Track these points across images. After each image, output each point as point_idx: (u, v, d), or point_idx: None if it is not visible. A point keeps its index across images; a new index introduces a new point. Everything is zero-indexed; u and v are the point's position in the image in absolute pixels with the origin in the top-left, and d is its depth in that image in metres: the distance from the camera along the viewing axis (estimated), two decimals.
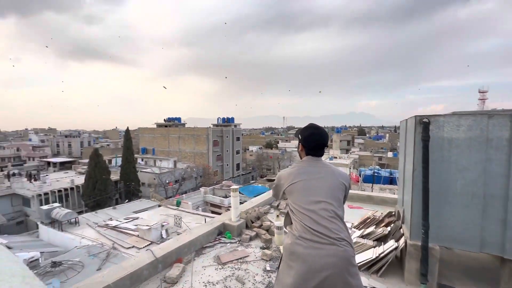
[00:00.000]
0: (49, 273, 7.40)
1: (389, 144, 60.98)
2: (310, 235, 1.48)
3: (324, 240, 1.45)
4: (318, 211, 1.52)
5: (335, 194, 1.60)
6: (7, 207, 21.79)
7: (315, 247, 1.45)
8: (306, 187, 1.61)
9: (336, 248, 1.43)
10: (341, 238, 1.46)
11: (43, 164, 43.41)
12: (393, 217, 3.66)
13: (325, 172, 1.67)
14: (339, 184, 1.64)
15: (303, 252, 1.47)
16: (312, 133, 1.75)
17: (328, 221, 1.49)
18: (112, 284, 2.44)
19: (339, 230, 1.49)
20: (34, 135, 75.56)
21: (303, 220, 1.53)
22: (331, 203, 1.55)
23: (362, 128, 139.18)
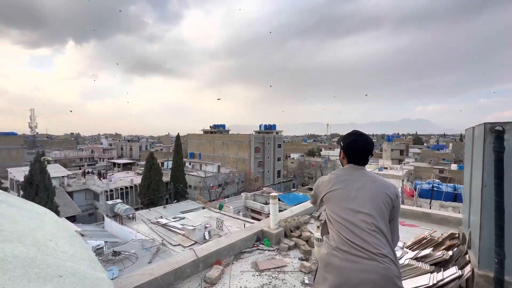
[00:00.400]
0: (110, 261, 8.43)
1: (452, 155, 53.17)
2: (347, 247, 1.39)
3: (363, 254, 1.34)
4: (356, 222, 1.42)
5: (377, 206, 1.47)
6: (82, 200, 25.73)
7: (353, 260, 1.34)
8: (345, 195, 1.52)
9: (377, 264, 1.31)
10: (382, 254, 1.33)
11: (110, 165, 50.27)
12: (456, 240, 3.16)
13: (366, 181, 1.55)
14: (383, 195, 1.50)
15: (339, 264, 1.37)
16: (355, 140, 1.66)
17: (367, 234, 1.38)
18: (159, 277, 2.66)
19: (380, 246, 1.36)
20: (104, 140, 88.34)
21: (340, 230, 1.45)
22: (371, 215, 1.43)
23: (419, 136, 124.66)
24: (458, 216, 4.66)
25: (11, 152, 39.18)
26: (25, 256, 1.17)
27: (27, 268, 1.08)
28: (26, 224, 1.61)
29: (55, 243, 1.55)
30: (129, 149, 74.02)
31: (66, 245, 1.61)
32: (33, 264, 1.13)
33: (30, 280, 1.00)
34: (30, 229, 1.56)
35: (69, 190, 24.90)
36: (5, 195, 2.06)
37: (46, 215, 2.07)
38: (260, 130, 46.17)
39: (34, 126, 71.83)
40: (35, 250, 1.29)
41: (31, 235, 1.46)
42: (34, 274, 1.06)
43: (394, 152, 51.02)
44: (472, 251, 2.61)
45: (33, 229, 1.60)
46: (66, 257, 1.42)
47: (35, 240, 1.41)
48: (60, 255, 1.41)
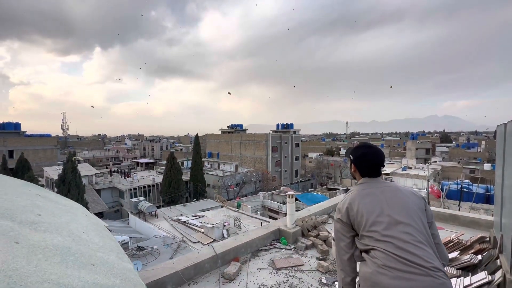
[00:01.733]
0: (134, 255, 8.89)
1: (485, 154, 49.42)
2: (396, 264, 1.23)
3: (417, 270, 1.20)
4: (398, 235, 1.29)
5: (413, 213, 1.37)
6: (109, 198, 27.26)
7: (405, 278, 1.19)
8: (377, 210, 1.40)
9: (433, 280, 1.18)
10: (436, 267, 1.22)
11: (133, 164, 52.74)
12: (487, 244, 2.97)
13: (393, 190, 1.47)
14: (416, 201, 1.42)
15: (390, 284, 1.21)
16: (365, 153, 1.59)
17: (414, 246, 1.26)
18: (180, 271, 2.78)
19: (431, 258, 1.24)
20: (128, 140, 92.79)
21: (384, 247, 1.29)
22: (411, 224, 1.33)
23: (447, 134, 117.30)
24: (489, 218, 4.36)
25: (46, 152, 42.44)
26: (62, 246, 1.30)
27: (65, 256, 1.20)
28: (63, 217, 1.77)
29: (87, 235, 1.69)
30: (151, 149, 77.14)
31: (96, 237, 1.75)
32: (69, 252, 1.26)
33: (67, 266, 1.12)
34: (66, 222, 1.71)
35: (97, 188, 26.50)
36: (45, 191, 2.27)
37: (79, 210, 2.26)
38: (277, 129, 46.01)
39: (66, 128, 77.18)
40: (70, 240, 1.42)
41: (67, 227, 1.60)
42: (70, 261, 1.17)
43: (419, 151, 48.49)
44: (504, 255, 2.45)
45: (68, 222, 1.75)
46: (97, 248, 1.55)
47: (70, 232, 1.55)
48: (92, 246, 1.54)
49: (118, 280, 1.24)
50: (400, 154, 52.88)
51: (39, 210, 1.70)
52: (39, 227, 1.41)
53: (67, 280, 1.00)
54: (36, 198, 1.96)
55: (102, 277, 1.18)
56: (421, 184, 25.57)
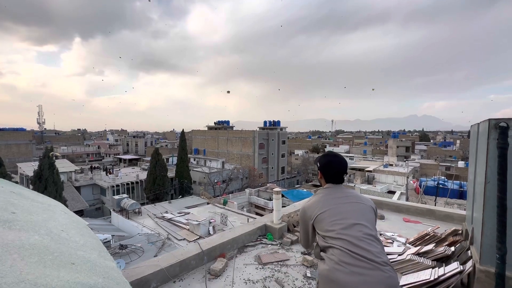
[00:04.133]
0: (117, 254, 8.65)
1: (460, 152, 52.37)
2: (351, 259, 1.36)
3: (368, 265, 1.33)
4: (354, 233, 1.45)
5: (368, 216, 1.56)
6: (89, 195, 26.25)
7: (358, 273, 1.32)
8: (337, 212, 1.56)
9: (381, 274, 1.31)
10: (384, 262, 1.36)
11: (116, 160, 50.98)
12: (459, 236, 3.17)
13: (352, 196, 1.66)
14: (369, 207, 1.62)
15: (344, 280, 1.33)
16: (330, 161, 1.76)
17: (367, 243, 1.41)
18: (165, 268, 2.74)
19: (381, 254, 1.39)
20: (110, 135, 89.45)
21: (341, 244, 1.42)
22: (366, 225, 1.50)
23: (425, 133, 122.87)
24: (461, 213, 4.64)
25: (20, 147, 40.05)
26: (40, 244, 1.24)
27: (42, 255, 1.14)
28: (40, 215, 1.69)
29: (67, 233, 1.63)
30: (134, 145, 74.87)
31: (77, 236, 1.68)
32: (47, 251, 1.20)
33: (45, 266, 1.07)
34: (43, 220, 1.63)
35: (76, 185, 25.41)
36: (20, 188, 2.15)
37: (57, 208, 2.16)
38: (264, 126, 46.16)
39: (42, 122, 73.14)
40: (48, 239, 1.36)
41: (44, 226, 1.53)
42: (49, 260, 1.12)
43: (400, 149, 50.49)
44: (474, 247, 2.62)
45: (46, 220, 1.67)
46: (77, 247, 1.49)
47: (49, 230, 1.48)
48: (72, 244, 1.48)
49: (100, 278, 1.21)
50: (382, 151, 54.83)
51: (14, 207, 1.60)
52: (13, 225, 1.33)
53: (45, 280, 0.96)
54: (10, 195, 1.85)
55: (83, 276, 1.14)
56: (401, 180, 26.71)
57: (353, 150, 60.94)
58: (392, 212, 5.24)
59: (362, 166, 36.64)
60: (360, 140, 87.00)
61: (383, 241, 3.62)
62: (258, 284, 2.77)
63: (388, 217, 4.94)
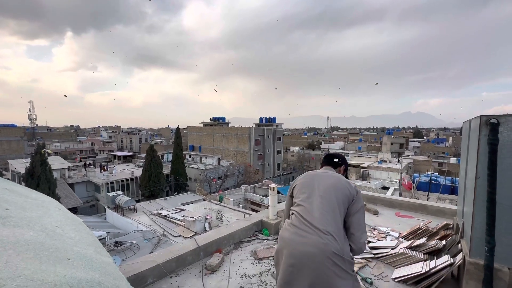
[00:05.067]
0: (112, 251, 8.62)
1: (452, 149, 53.29)
2: (298, 223, 1.59)
3: (310, 230, 1.52)
4: (311, 203, 1.62)
5: (335, 192, 1.65)
6: (83, 192, 25.97)
7: (299, 234, 1.54)
8: (308, 184, 1.75)
9: (318, 239, 1.47)
10: (326, 231, 1.49)
11: (110, 157, 50.41)
12: (450, 230, 3.25)
13: (331, 176, 1.78)
14: (342, 186, 1.70)
15: (287, 237, 1.58)
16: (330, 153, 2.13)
17: (319, 213, 1.56)
18: (161, 264, 2.75)
19: (328, 224, 1.52)
20: (104, 132, 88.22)
21: (299, 210, 1.64)
22: (327, 198, 1.62)
23: (419, 130, 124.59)
24: (453, 207, 4.75)
25: (12, 144, 39.25)
26: (35, 240, 1.23)
27: (38, 251, 1.14)
28: (34, 212, 1.67)
29: (62, 229, 1.61)
30: (129, 141, 74.07)
31: (72, 232, 1.68)
32: (43, 247, 1.20)
33: (41, 261, 1.06)
34: (38, 216, 1.62)
35: (70, 182, 25.09)
36: (12, 184, 2.12)
37: (51, 204, 2.14)
38: (260, 123, 46.13)
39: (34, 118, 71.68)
40: (44, 235, 1.35)
41: (39, 222, 1.52)
42: (44, 256, 1.12)
43: (394, 146, 51.13)
44: (464, 240, 2.69)
45: (40, 216, 1.66)
46: (73, 243, 1.48)
47: (43, 226, 1.47)
48: (68, 240, 1.48)
49: (97, 274, 1.21)
50: (376, 148, 55.46)
51: (7, 204, 1.58)
52: (7, 222, 1.32)
53: (42, 275, 0.96)
54: (2, 191, 1.83)
55: (79, 271, 1.14)
56: (395, 176, 27.10)
57: (348, 146, 61.46)
58: (386, 207, 5.33)
59: (357, 163, 37.03)
60: (355, 137, 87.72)
61: (377, 236, 3.69)
62: (254, 279, 2.81)
63: (382, 212, 5.02)
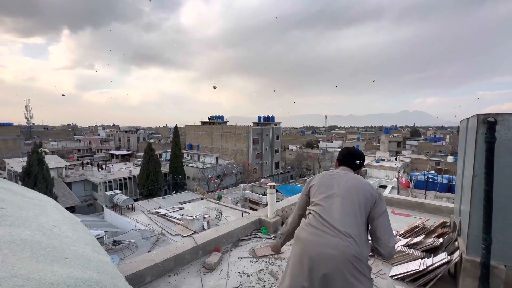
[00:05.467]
0: (110, 250, 8.59)
1: (449, 147, 53.63)
2: (316, 223, 1.50)
3: (330, 231, 1.43)
4: (332, 204, 1.54)
5: (357, 194, 1.57)
6: (81, 191, 25.85)
7: (317, 235, 1.45)
8: (327, 184, 1.66)
9: (339, 242, 1.39)
10: (348, 233, 1.41)
11: (108, 156, 50.19)
12: (448, 228, 3.27)
13: (351, 177, 1.70)
14: (364, 188, 1.61)
15: (305, 237, 1.50)
16: (346, 148, 1.95)
17: (339, 214, 1.48)
18: (160, 263, 2.74)
19: (349, 226, 1.44)
20: (102, 131, 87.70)
21: (317, 210, 1.56)
22: (348, 199, 1.54)
23: (416, 129, 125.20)
24: (450, 205, 4.78)
25: (8, 143, 38.92)
26: (32, 240, 1.22)
27: (35, 250, 1.13)
28: (30, 211, 1.66)
29: (59, 229, 1.60)
30: (127, 140, 73.75)
31: (69, 231, 1.66)
32: (39, 247, 1.19)
33: (38, 261, 1.06)
34: (35, 216, 1.60)
35: (67, 181, 24.96)
36: (9, 183, 2.10)
37: (48, 203, 2.12)
38: (258, 121, 46.12)
39: (30, 116, 71.09)
40: (40, 235, 1.34)
41: (35, 221, 1.50)
42: (41, 255, 1.11)
43: (392, 144, 51.37)
44: (461, 238, 2.71)
45: (37, 215, 1.64)
46: (70, 242, 1.47)
47: (40, 225, 1.46)
48: (65, 239, 1.47)
49: (95, 273, 1.20)
50: (374, 147, 55.67)
51: (3, 203, 1.57)
52: (3, 221, 1.31)
53: (39, 274, 0.95)
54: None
55: (77, 270, 1.13)
56: (392, 175, 27.25)
57: (346, 145, 61.64)
58: None
59: None
60: (353, 136, 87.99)
61: None
62: (253, 277, 2.81)
63: None
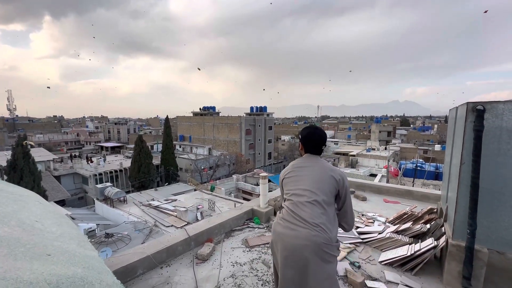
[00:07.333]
0: (103, 242, 8.53)
1: (437, 136, 55.05)
2: (289, 217, 1.67)
3: (300, 223, 1.61)
4: (301, 197, 1.69)
5: (322, 184, 1.70)
6: (70, 184, 25.34)
7: (291, 228, 1.63)
8: (296, 178, 1.80)
9: (308, 232, 1.57)
10: (315, 223, 1.59)
11: (97, 148, 49.09)
12: (434, 215, 3.37)
13: (316, 166, 1.79)
14: (328, 177, 1.73)
15: (280, 231, 1.68)
16: (310, 132, 1.89)
17: (307, 207, 1.64)
18: (151, 255, 2.72)
19: (316, 216, 1.61)
20: (90, 122, 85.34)
21: (288, 204, 1.73)
22: (314, 192, 1.68)
23: (406, 118, 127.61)
24: (437, 192, 4.93)
25: None
26: (9, 237, 1.16)
27: (13, 247, 1.07)
28: (9, 206, 1.58)
29: (42, 224, 1.54)
30: (116, 132, 72.14)
31: (53, 226, 1.60)
32: (18, 243, 1.13)
33: (16, 258, 1.00)
34: (14, 211, 1.53)
35: (56, 174, 24.35)
36: None
37: (30, 198, 2.03)
38: (251, 112, 45.79)
39: (13, 108, 68.25)
40: (20, 231, 1.27)
41: (15, 217, 1.43)
42: (20, 253, 1.05)
43: (382, 134, 52.27)
44: (447, 223, 2.80)
45: (17, 211, 1.57)
46: (53, 237, 1.42)
47: (20, 221, 1.39)
48: (47, 235, 1.41)
49: (79, 269, 1.16)
50: (365, 136, 56.53)
51: None
52: None
53: (16, 273, 0.90)
54: None
55: (60, 267, 1.08)
56: (382, 164, 27.86)
57: (338, 135, 62.34)
58: (374, 193, 5.47)
59: (346, 151, 37.73)
60: (345, 126, 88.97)
61: (365, 221, 3.79)
62: (246, 266, 2.83)
63: (370, 198, 5.15)
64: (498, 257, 2.65)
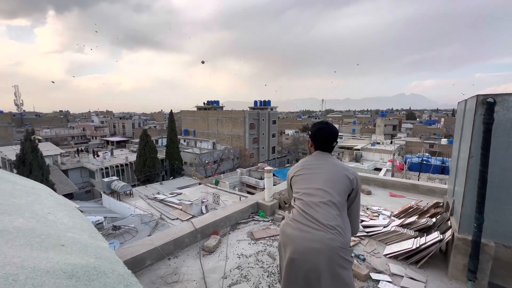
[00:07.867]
0: (111, 235, 8.72)
1: (443, 130, 54.20)
2: (301, 218, 1.55)
3: (314, 225, 1.48)
4: (313, 198, 1.57)
5: (335, 184, 1.60)
6: (78, 178, 25.81)
7: (303, 230, 1.50)
8: (308, 176, 1.68)
9: (324, 235, 1.45)
10: (331, 226, 1.47)
11: (103, 143, 49.71)
12: (440, 208, 3.35)
13: (328, 164, 1.69)
14: (342, 176, 1.63)
15: (290, 233, 1.55)
16: (321, 128, 1.78)
17: (320, 207, 1.52)
18: (159, 247, 2.78)
19: (330, 218, 1.49)
20: (95, 117, 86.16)
21: (299, 205, 1.61)
22: (327, 191, 1.57)
23: (412, 112, 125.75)
24: (443, 186, 4.89)
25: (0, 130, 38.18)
26: (25, 227, 1.19)
27: (29, 238, 1.11)
28: (23, 199, 1.62)
29: (54, 216, 1.58)
30: (121, 126, 72.76)
31: (65, 218, 1.65)
32: (34, 234, 1.16)
33: (32, 248, 1.04)
34: (28, 203, 1.57)
35: (63, 168, 24.81)
36: (0, 171, 2.05)
37: (42, 191, 2.09)
38: (255, 106, 45.62)
39: (20, 103, 69.24)
40: (34, 222, 1.31)
41: (29, 209, 1.48)
42: (36, 243, 1.09)
43: (387, 127, 51.69)
44: (454, 217, 2.78)
45: (31, 203, 1.61)
46: (66, 228, 1.46)
47: (34, 213, 1.43)
48: (60, 226, 1.45)
49: (92, 259, 1.19)
50: (370, 130, 55.97)
51: None
52: None
53: (33, 262, 0.93)
54: None
55: (74, 257, 1.12)
56: (387, 158, 27.63)
57: (342, 129, 61.85)
58: (379, 187, 5.45)
59: (351, 145, 37.48)
60: (350, 119, 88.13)
61: (370, 215, 3.80)
62: (251, 258, 2.88)
63: (375, 192, 5.14)
64: (504, 250, 2.64)
